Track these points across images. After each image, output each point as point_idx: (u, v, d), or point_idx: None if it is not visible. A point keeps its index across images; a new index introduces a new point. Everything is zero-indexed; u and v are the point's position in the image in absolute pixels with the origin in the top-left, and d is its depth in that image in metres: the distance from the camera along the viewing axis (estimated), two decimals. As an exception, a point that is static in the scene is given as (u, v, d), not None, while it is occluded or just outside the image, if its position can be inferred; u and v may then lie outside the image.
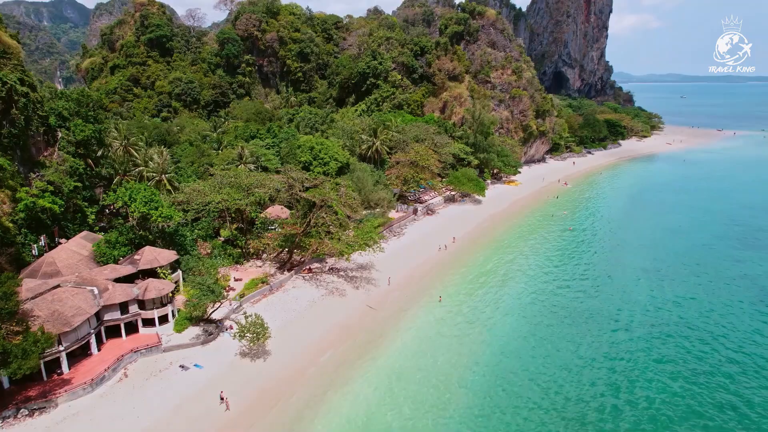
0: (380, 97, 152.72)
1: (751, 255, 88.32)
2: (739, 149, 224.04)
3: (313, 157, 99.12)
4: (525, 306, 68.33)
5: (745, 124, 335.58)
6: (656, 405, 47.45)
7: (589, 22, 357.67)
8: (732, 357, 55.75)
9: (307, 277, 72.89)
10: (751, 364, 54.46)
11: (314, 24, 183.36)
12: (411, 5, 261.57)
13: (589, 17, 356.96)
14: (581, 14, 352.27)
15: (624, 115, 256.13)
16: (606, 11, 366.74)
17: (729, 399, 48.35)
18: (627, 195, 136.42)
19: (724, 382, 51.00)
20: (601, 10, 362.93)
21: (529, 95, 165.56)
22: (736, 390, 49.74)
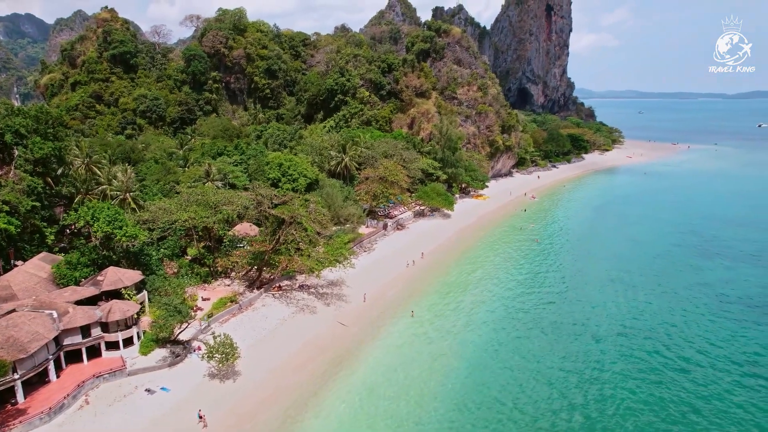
0: (349, 113, 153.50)
1: (708, 263, 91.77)
2: (694, 162, 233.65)
3: (282, 173, 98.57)
4: (495, 318, 69.05)
5: (698, 138, 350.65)
6: (624, 411, 48.39)
7: (551, 41, 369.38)
8: (693, 362, 57.46)
9: (277, 295, 71.99)
10: (710, 368, 56.23)
11: (282, 41, 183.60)
12: (378, 23, 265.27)
13: (550, 36, 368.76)
14: (543, 33, 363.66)
15: (586, 130, 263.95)
16: (566, 30, 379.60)
17: (691, 402, 49.70)
18: (591, 207, 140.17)
19: (687, 387, 52.45)
20: (562, 29, 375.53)
21: (495, 111, 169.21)
22: (697, 394, 51.20)
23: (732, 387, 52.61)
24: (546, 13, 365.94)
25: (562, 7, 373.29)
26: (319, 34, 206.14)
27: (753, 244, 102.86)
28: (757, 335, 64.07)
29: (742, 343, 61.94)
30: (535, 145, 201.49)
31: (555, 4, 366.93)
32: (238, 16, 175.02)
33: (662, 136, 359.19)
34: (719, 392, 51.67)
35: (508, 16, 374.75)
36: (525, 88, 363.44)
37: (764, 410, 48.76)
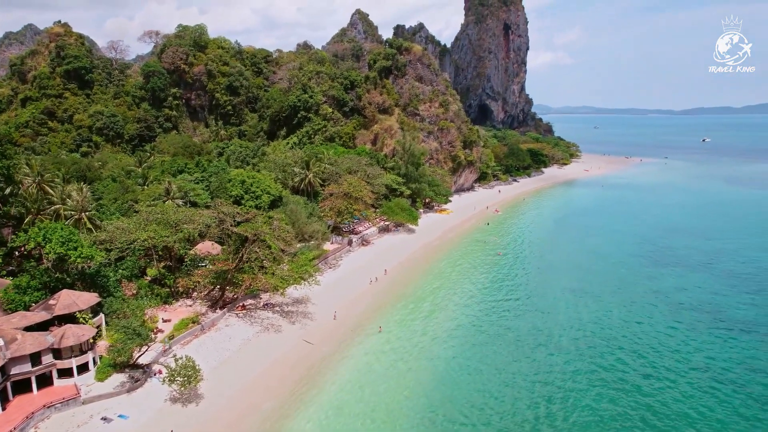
0: (312, 129, 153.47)
1: (661, 271, 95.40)
2: (647, 175, 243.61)
3: (245, 190, 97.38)
4: (460, 331, 69.63)
5: (650, 152, 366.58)
6: (589, 419, 49.43)
7: (509, 58, 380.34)
8: (650, 368, 59.31)
9: (240, 315, 70.59)
10: (666, 373, 58.17)
11: (243, 58, 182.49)
12: (340, 41, 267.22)
13: (508, 53, 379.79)
14: (501, 51, 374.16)
15: (545, 145, 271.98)
16: (524, 48, 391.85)
17: (650, 406, 51.23)
18: (551, 219, 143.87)
19: (645, 392, 54.04)
20: (519, 47, 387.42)
21: (457, 127, 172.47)
22: (655, 398, 52.83)
23: (687, 391, 54.51)
24: (504, 32, 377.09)
25: (519, 26, 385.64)
26: (281, 51, 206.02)
27: (702, 253, 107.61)
28: (709, 340, 66.75)
29: (695, 348, 64.40)
30: (496, 159, 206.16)
31: (512, 23, 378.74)
32: (199, 33, 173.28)
33: (616, 150, 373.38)
34: (675, 396, 53.46)
35: (468, 34, 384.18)
36: (485, 105, 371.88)
37: (716, 410, 50.67)
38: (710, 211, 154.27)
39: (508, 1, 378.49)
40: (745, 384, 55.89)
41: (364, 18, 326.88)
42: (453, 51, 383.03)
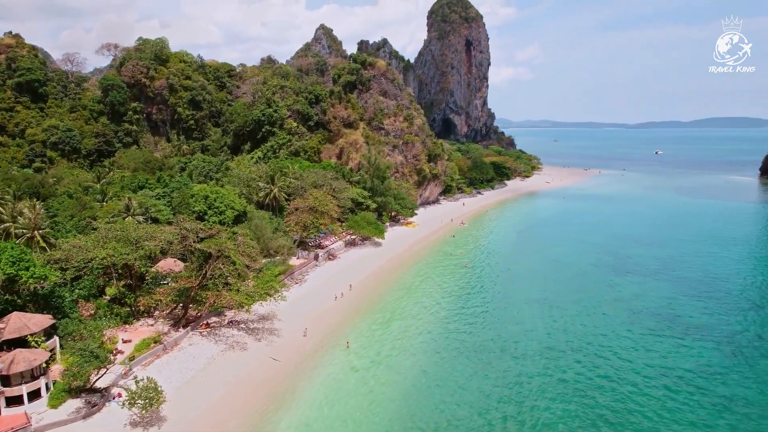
0: (276, 144, 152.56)
1: (620, 279, 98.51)
2: (605, 186, 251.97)
3: (208, 206, 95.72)
4: (427, 343, 69.93)
5: (607, 164, 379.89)
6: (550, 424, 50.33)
7: (471, 74, 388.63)
8: (612, 375, 60.95)
9: (205, 333, 68.96)
10: (627, 379, 59.90)
11: (206, 72, 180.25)
12: (304, 55, 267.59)
13: (471, 69, 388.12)
14: (464, 66, 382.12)
15: (508, 158, 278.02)
16: (485, 64, 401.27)
17: (614, 410, 52.59)
18: (515, 231, 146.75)
19: (607, 397, 55.47)
20: (481, 63, 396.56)
21: (421, 140, 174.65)
22: (617, 403, 54.29)
23: (644, 395, 56.22)
24: (466, 48, 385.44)
25: (480, 42, 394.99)
26: (244, 65, 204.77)
27: (657, 261, 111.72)
28: (665, 345, 69.16)
29: (652, 353, 66.56)
30: (460, 172, 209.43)
31: (474, 39, 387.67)
32: (160, 46, 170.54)
33: (576, 162, 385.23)
34: (633, 401, 55.06)
35: (431, 50, 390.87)
36: (449, 119, 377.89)
37: (672, 413, 52.41)
38: (664, 221, 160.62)
39: (470, 18, 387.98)
40: (697, 386, 58.05)
41: (328, 33, 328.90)
42: (416, 66, 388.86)
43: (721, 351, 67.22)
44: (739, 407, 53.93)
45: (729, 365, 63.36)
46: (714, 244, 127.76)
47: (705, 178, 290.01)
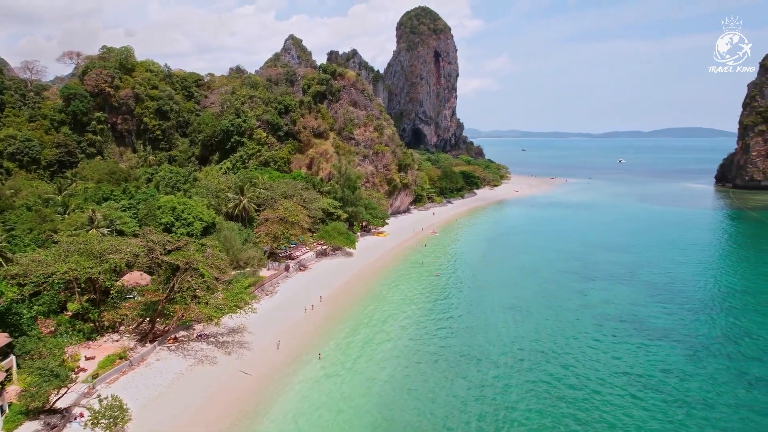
0: (246, 154, 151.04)
1: (589, 286, 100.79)
2: (572, 194, 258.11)
3: (176, 217, 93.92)
4: (400, 353, 69.94)
5: (574, 172, 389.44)
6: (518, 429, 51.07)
7: (440, 84, 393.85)
8: (583, 379, 62.17)
9: (172, 348, 67.31)
10: (594, 382, 61.21)
11: (173, 81, 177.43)
12: (274, 65, 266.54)
13: (439, 80, 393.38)
14: (433, 77, 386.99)
15: (477, 167, 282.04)
16: (454, 75, 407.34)
17: (577, 415, 53.61)
18: (485, 239, 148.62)
19: (579, 402, 56.51)
20: (450, 74, 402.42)
21: (391, 150, 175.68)
22: (582, 407, 55.38)
23: (610, 398, 57.58)
24: (435, 59, 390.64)
25: (449, 53, 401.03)
26: (213, 75, 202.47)
27: (622, 266, 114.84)
28: (631, 348, 70.96)
29: (618, 357, 68.23)
30: (430, 182, 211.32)
31: (442, 50, 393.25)
32: (125, 55, 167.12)
33: (543, 171, 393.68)
34: (600, 404, 56.27)
35: (400, 61, 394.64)
36: (418, 129, 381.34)
37: (637, 415, 53.76)
38: (628, 227, 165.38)
39: (438, 30, 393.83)
40: (658, 387, 59.79)
41: (298, 43, 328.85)
42: (386, 77, 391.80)
43: (680, 352, 69.47)
44: (696, 406, 55.84)
45: (687, 366, 65.52)
46: (674, 249, 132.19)
47: (665, 185, 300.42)
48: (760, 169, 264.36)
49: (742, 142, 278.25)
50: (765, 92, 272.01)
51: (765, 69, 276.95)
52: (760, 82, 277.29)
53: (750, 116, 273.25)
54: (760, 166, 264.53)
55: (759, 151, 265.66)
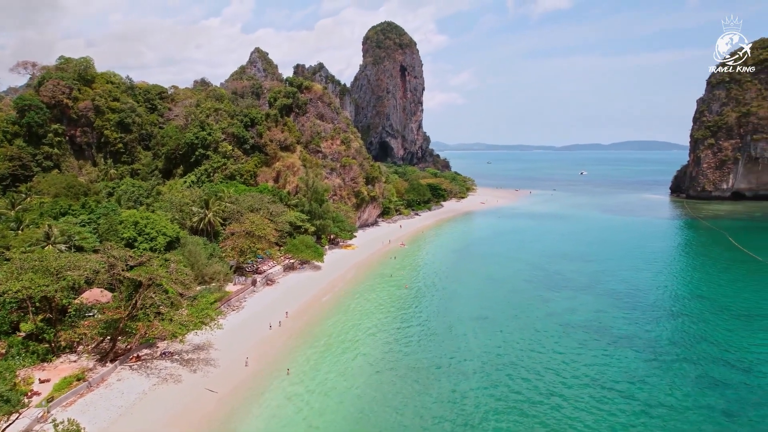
0: (211, 167, 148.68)
1: (553, 295, 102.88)
2: (537, 205, 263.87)
3: (138, 232, 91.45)
4: (369, 366, 69.57)
5: (538, 184, 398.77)
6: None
7: (407, 98, 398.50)
8: (548, 386, 63.17)
9: (135, 367, 65.10)
10: (562, 390, 62.29)
11: (136, 93, 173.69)
12: (239, 78, 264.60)
13: (406, 93, 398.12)
14: (399, 91, 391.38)
15: (443, 180, 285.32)
16: (420, 89, 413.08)
17: (546, 424, 54.43)
18: (453, 250, 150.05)
19: (543, 410, 57.35)
20: (416, 88, 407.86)
21: (359, 163, 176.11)
22: (551, 415, 56.26)
23: (578, 404, 58.66)
24: (401, 73, 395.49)
25: (415, 68, 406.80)
26: (177, 87, 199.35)
27: (586, 275, 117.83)
28: (596, 356, 72.60)
29: (585, 364, 69.65)
30: (398, 194, 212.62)
31: (408, 65, 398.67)
32: (85, 66, 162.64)
33: (509, 183, 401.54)
34: (569, 411, 57.28)
35: (367, 74, 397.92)
36: (385, 142, 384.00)
37: (605, 420, 54.94)
38: (591, 237, 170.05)
39: (404, 45, 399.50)
40: (622, 393, 61.32)
41: (264, 56, 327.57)
42: (353, 90, 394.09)
43: (642, 358, 71.49)
44: (658, 409, 57.48)
45: (649, 371, 67.46)
46: (635, 258, 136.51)
47: (624, 196, 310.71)
48: (710, 180, 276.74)
49: (693, 154, 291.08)
50: (712, 108, 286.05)
51: (711, 86, 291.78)
52: (707, 99, 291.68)
53: (700, 130, 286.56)
54: (710, 177, 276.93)
55: (709, 164, 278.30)
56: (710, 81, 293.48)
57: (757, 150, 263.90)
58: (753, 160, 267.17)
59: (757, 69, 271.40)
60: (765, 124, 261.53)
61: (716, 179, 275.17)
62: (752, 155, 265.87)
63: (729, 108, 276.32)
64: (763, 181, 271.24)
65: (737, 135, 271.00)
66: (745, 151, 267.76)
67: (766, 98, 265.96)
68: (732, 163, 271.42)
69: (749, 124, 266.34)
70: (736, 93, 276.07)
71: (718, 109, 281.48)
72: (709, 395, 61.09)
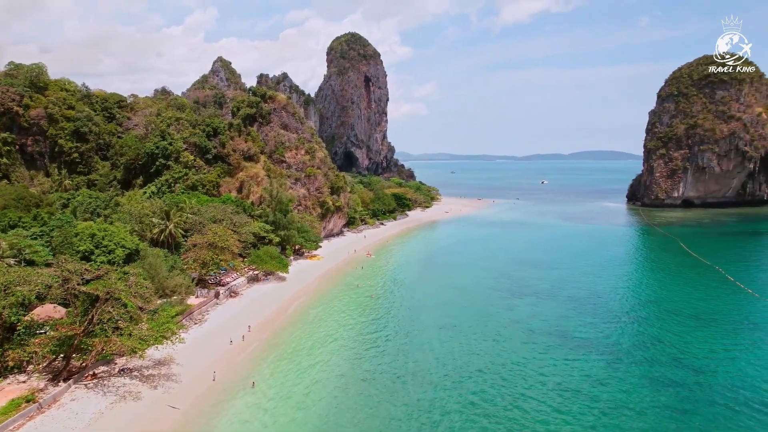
0: (172, 178, 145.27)
1: (517, 302, 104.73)
2: (500, 214, 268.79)
3: (95, 245, 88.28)
4: (336, 378, 69.02)
5: (501, 193, 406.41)
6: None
7: (371, 108, 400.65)
8: (514, 393, 64.08)
9: (90, 385, 62.51)
10: (528, 396, 63.33)
11: (93, 102, 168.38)
12: (201, 87, 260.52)
13: (370, 104, 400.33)
14: (363, 101, 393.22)
15: (408, 189, 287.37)
16: (384, 99, 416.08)
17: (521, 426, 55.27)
18: (418, 259, 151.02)
19: (510, 416, 58.13)
20: (380, 99, 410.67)
21: (323, 173, 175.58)
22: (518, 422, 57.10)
23: (544, 409, 59.71)
24: (365, 84, 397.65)
25: (379, 78, 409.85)
26: (136, 96, 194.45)
27: (548, 282, 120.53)
28: (560, 361, 74.14)
29: (549, 370, 71.04)
30: (363, 204, 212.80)
31: (372, 76, 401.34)
32: (37, 72, 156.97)
33: (472, 192, 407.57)
34: (535, 416, 58.24)
35: (331, 85, 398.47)
36: (350, 152, 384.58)
37: (569, 425, 56.14)
38: (552, 244, 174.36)
39: (368, 56, 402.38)
40: (586, 395, 62.84)
41: (227, 66, 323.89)
42: (317, 100, 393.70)
43: (603, 361, 73.48)
44: (618, 410, 59.16)
45: (609, 373, 69.35)
46: (595, 264, 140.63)
47: (583, 204, 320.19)
48: (662, 188, 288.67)
49: (647, 164, 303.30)
50: (663, 120, 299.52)
51: (662, 99, 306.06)
52: (658, 111, 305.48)
53: (652, 141, 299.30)
54: (662, 185, 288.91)
55: (661, 173, 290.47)
56: (660, 94, 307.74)
57: (704, 160, 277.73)
58: (700, 170, 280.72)
59: (701, 84, 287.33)
60: (710, 136, 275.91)
61: (668, 188, 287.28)
62: (699, 165, 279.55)
63: (678, 120, 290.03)
64: (710, 190, 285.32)
65: (686, 146, 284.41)
66: (693, 161, 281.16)
67: (710, 111, 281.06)
68: (682, 172, 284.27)
69: (696, 135, 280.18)
70: (684, 106, 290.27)
71: (668, 121, 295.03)
72: (665, 395, 63.31)
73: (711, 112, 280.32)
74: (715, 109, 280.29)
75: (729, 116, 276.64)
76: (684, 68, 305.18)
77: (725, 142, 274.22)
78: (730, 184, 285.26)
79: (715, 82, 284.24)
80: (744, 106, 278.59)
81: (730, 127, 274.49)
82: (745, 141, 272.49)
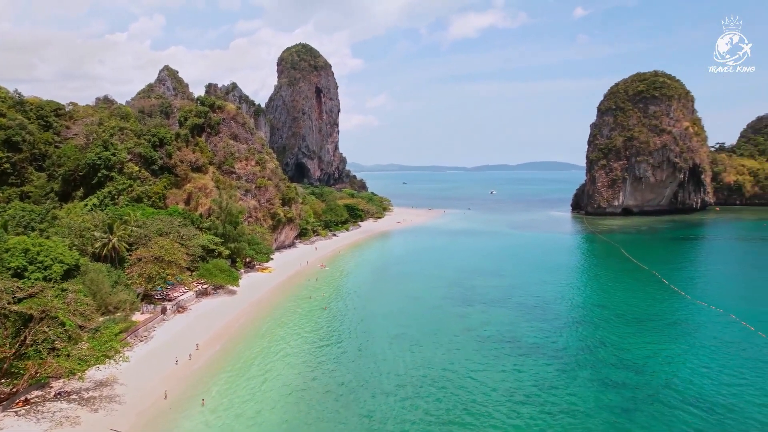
0: (115, 189, 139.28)
1: (469, 310, 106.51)
2: (451, 223, 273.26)
3: (29, 260, 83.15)
4: (291, 392, 67.78)
5: (452, 203, 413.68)
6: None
7: (323, 119, 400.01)
8: (468, 400, 65.00)
9: (22, 412, 58.52)
10: (480, 403, 64.39)
11: (26, 109, 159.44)
12: (147, 96, 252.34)
13: (321, 115, 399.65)
14: (315, 112, 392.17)
15: (360, 200, 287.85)
16: (335, 110, 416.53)
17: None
18: (371, 270, 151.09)
19: (465, 424, 58.88)
20: (332, 110, 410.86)
21: (275, 184, 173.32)
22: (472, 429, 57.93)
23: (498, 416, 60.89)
24: (316, 95, 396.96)
25: (330, 90, 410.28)
26: (75, 104, 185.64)
27: (498, 290, 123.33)
28: (511, 367, 75.86)
29: (501, 376, 72.56)
30: (315, 215, 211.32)
31: (323, 87, 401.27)
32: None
33: (424, 202, 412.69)
34: (490, 422, 59.24)
35: (282, 95, 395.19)
36: (302, 163, 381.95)
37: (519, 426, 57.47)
38: (502, 253, 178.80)
39: (319, 67, 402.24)
40: (537, 400, 64.59)
41: (174, 75, 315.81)
42: (268, 111, 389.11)
43: (551, 365, 75.75)
44: (567, 413, 61.15)
45: (558, 377, 71.62)
46: (542, 271, 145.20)
47: (531, 213, 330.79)
48: (604, 197, 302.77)
49: (589, 174, 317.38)
50: (603, 132, 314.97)
51: (601, 112, 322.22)
52: (599, 124, 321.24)
53: (594, 152, 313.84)
54: (604, 195, 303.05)
55: (603, 182, 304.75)
56: (600, 108, 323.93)
57: (640, 170, 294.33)
58: (638, 180, 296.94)
59: (636, 99, 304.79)
60: (645, 148, 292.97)
61: (609, 197, 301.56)
62: (636, 175, 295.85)
63: (616, 133, 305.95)
64: (647, 199, 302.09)
65: (624, 157, 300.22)
66: (631, 172, 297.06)
67: (644, 125, 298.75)
68: (621, 182, 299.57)
69: (633, 147, 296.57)
70: (621, 119, 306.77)
71: (608, 134, 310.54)
72: (610, 395, 65.95)
73: (645, 126, 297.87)
74: (648, 123, 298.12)
75: (661, 130, 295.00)
76: (620, 84, 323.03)
77: (658, 153, 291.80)
78: (664, 193, 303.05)
79: (648, 97, 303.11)
80: (673, 121, 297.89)
81: (662, 139, 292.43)
82: (675, 153, 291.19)
